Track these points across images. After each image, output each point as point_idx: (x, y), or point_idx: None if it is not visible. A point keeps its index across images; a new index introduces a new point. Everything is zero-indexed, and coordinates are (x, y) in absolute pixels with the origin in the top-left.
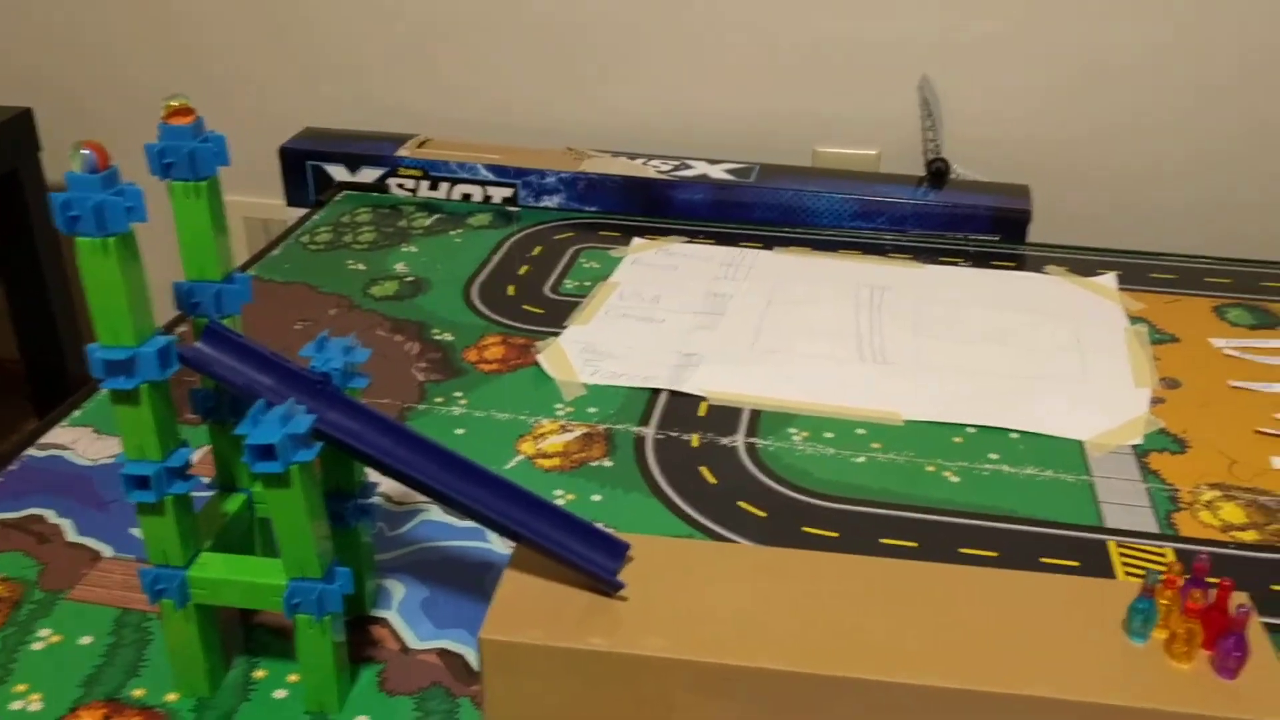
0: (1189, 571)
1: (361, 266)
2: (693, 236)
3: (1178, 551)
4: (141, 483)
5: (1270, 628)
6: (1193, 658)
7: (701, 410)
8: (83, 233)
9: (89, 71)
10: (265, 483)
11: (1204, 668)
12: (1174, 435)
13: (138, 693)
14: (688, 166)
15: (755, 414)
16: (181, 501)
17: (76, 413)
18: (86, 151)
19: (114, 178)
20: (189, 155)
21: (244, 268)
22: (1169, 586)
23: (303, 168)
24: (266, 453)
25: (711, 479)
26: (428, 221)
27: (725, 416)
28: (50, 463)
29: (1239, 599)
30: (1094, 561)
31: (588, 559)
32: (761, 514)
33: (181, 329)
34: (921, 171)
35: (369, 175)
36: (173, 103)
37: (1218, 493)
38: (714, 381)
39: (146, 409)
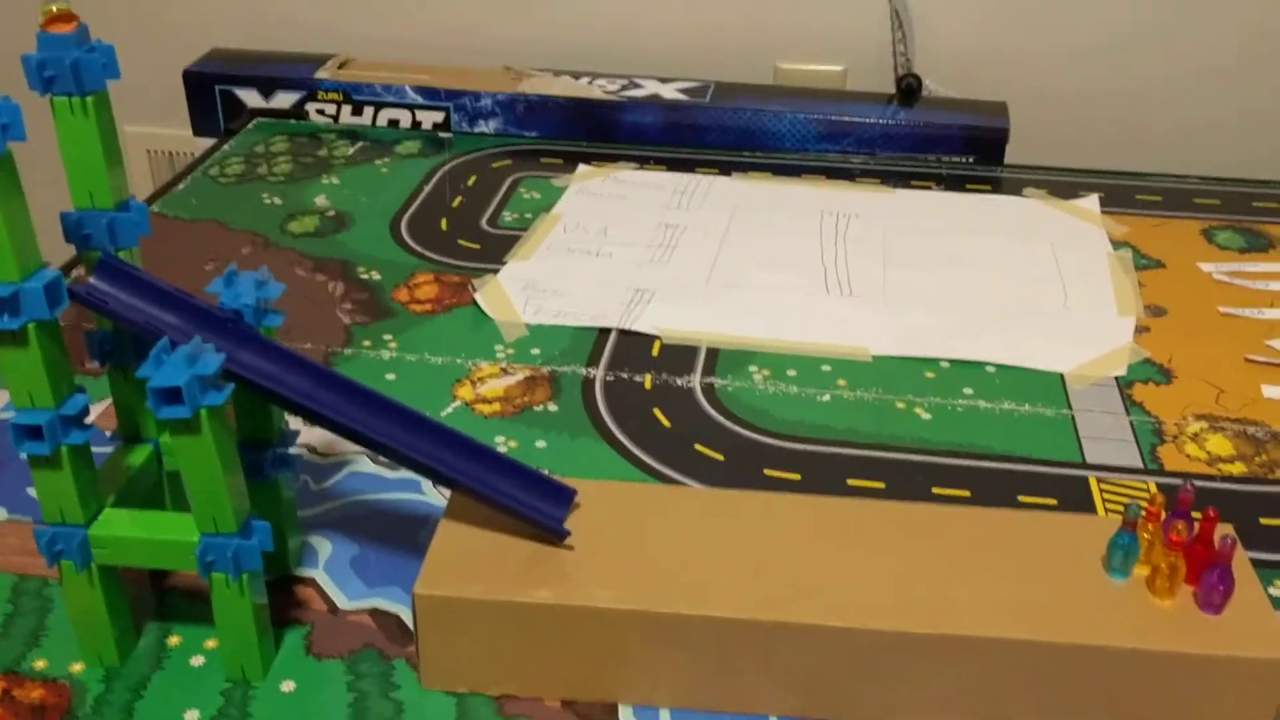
0: (1172, 504)
1: (278, 201)
2: (643, 163)
3: (1162, 487)
4: (33, 433)
5: (1260, 564)
6: (1175, 594)
7: (654, 350)
8: None
9: None
10: (172, 430)
11: (1187, 604)
12: (1159, 365)
13: (39, 664)
14: (637, 86)
15: (712, 352)
16: (79, 453)
17: None
18: None
19: None
20: (72, 66)
21: (147, 204)
22: (1151, 520)
23: (210, 93)
24: (172, 396)
25: (666, 422)
26: (350, 150)
27: (680, 356)
28: None
29: (1224, 531)
30: (1074, 499)
31: (531, 506)
32: (719, 457)
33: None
34: (891, 89)
35: (284, 100)
36: (51, 7)
37: (1204, 424)
38: (667, 319)
39: (35, 351)
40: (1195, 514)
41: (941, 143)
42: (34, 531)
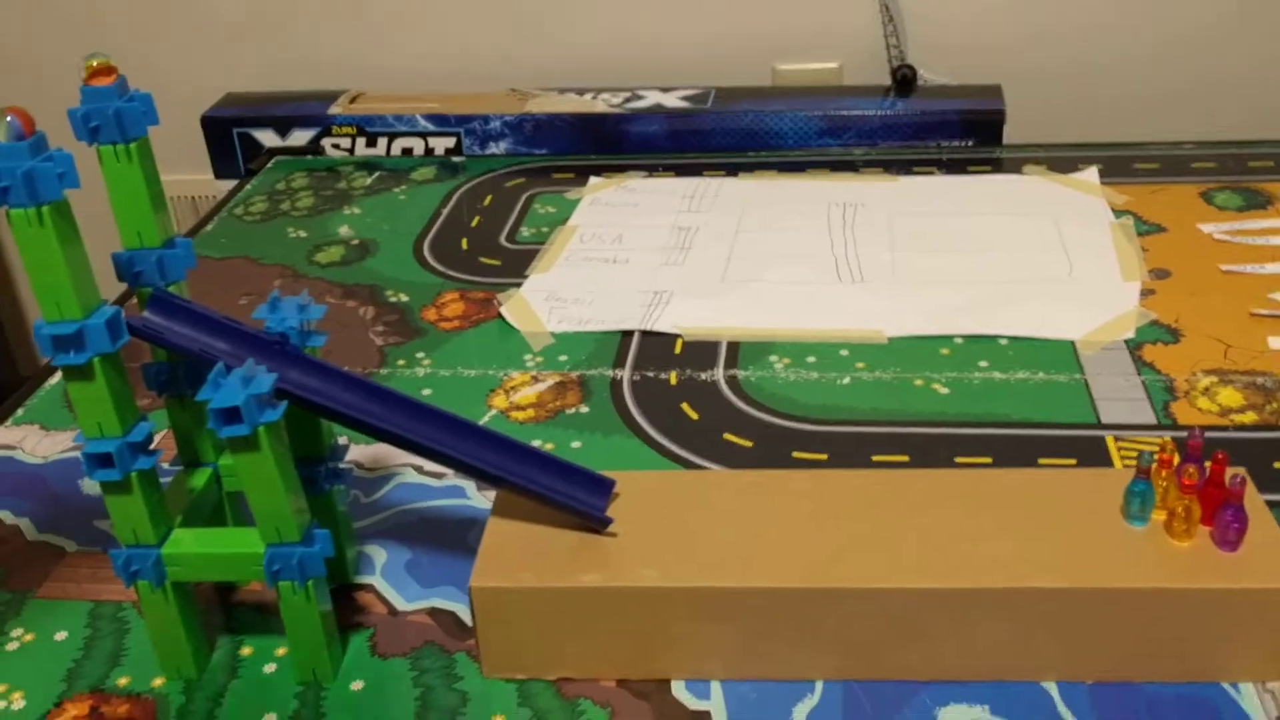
0: (1183, 451)
1: (303, 233)
2: (651, 170)
3: (1176, 440)
4: (104, 460)
5: (1273, 504)
6: (1193, 535)
7: (677, 348)
8: (15, 203)
9: None
10: (233, 447)
11: (1205, 543)
12: (1166, 326)
13: (123, 681)
14: (639, 97)
15: (733, 346)
16: (147, 477)
17: (20, 411)
18: (11, 118)
19: (42, 143)
20: (115, 116)
21: None
22: (1164, 466)
23: (229, 136)
24: (231, 415)
25: (693, 414)
26: (368, 180)
27: (702, 351)
28: None
29: (1233, 471)
30: (1092, 458)
31: (573, 497)
32: (748, 444)
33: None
34: (887, 81)
35: (301, 138)
36: (93, 62)
37: (1214, 379)
38: (687, 317)
39: (101, 383)
40: (1207, 463)
41: (940, 129)
42: (110, 554)
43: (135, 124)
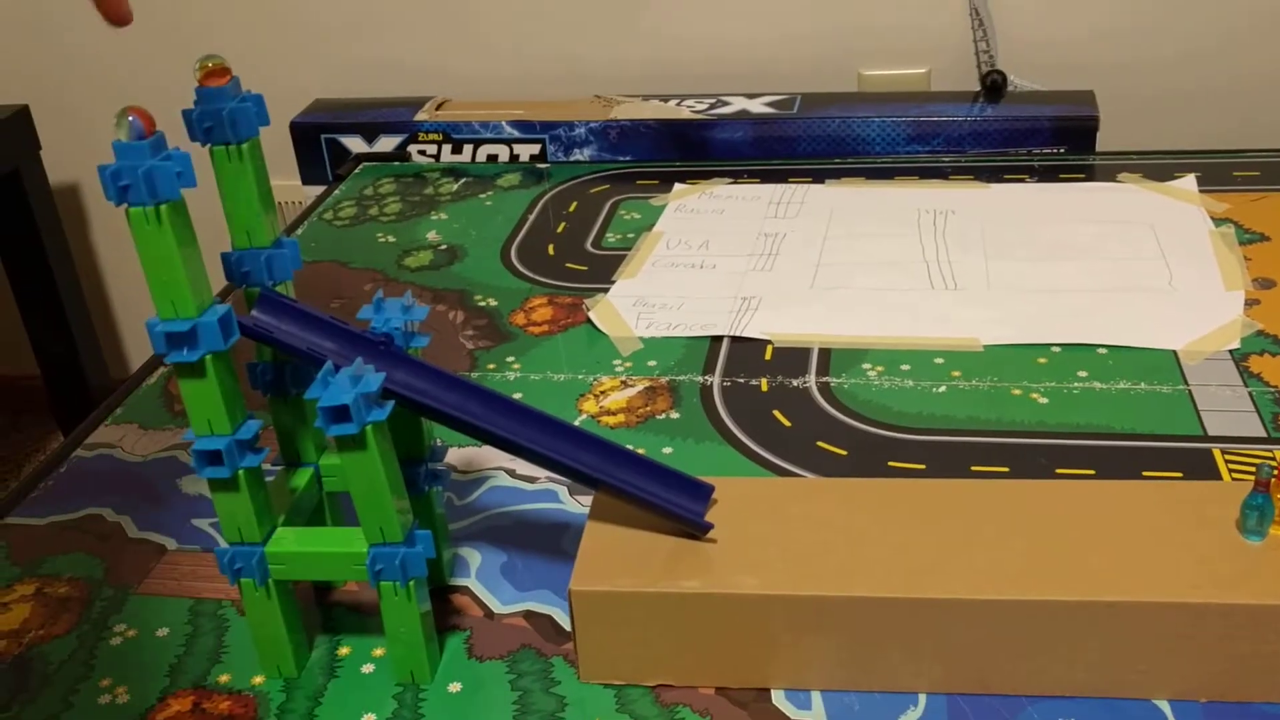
0: None
1: (392, 239)
2: (736, 177)
3: None
4: (213, 458)
5: None
6: None
7: (767, 354)
8: (134, 201)
9: (72, 65)
10: (341, 446)
11: None
12: (1273, 336)
13: (223, 678)
14: (724, 104)
15: (824, 353)
16: (254, 475)
17: (119, 410)
18: (133, 118)
19: (161, 143)
20: (229, 117)
21: None
22: None
23: (317, 142)
24: (340, 414)
25: (786, 422)
26: (455, 186)
27: (793, 358)
28: (99, 462)
29: None
30: (1199, 472)
31: (673, 503)
32: (842, 453)
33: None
34: (976, 86)
35: (387, 144)
36: (208, 63)
37: None
38: (776, 323)
39: (212, 381)
40: None
41: (1031, 136)
42: (215, 552)
43: (248, 125)
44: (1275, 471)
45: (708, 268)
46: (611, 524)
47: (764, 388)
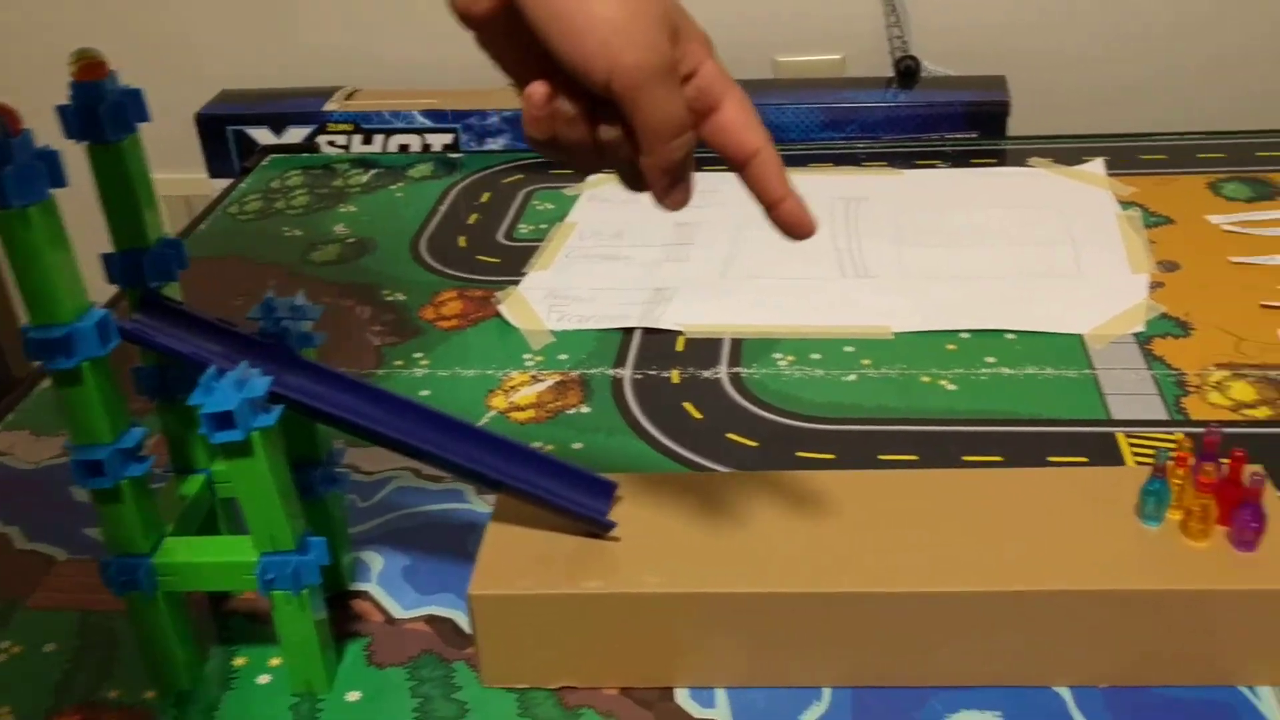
0: (1199, 449)
1: (298, 232)
2: None
3: (1189, 436)
4: (94, 468)
5: None
6: (1209, 535)
7: (679, 345)
8: None
9: None
10: (226, 453)
11: (1222, 543)
12: (1176, 319)
13: (113, 694)
14: None
15: (736, 343)
16: (138, 485)
17: (10, 416)
18: None
19: (29, 141)
20: (105, 112)
21: None
22: (1180, 465)
23: (223, 134)
24: (224, 420)
25: (696, 414)
26: (365, 178)
27: (705, 349)
28: None
29: (1252, 469)
30: (1103, 456)
31: (575, 502)
32: (752, 444)
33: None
34: (890, 72)
35: (296, 135)
36: (83, 57)
37: (1226, 372)
38: (689, 314)
39: (91, 388)
40: (1224, 459)
41: (944, 121)
42: (100, 563)
43: (125, 121)
44: (1172, 456)
45: (621, 258)
46: (514, 525)
47: (675, 379)
